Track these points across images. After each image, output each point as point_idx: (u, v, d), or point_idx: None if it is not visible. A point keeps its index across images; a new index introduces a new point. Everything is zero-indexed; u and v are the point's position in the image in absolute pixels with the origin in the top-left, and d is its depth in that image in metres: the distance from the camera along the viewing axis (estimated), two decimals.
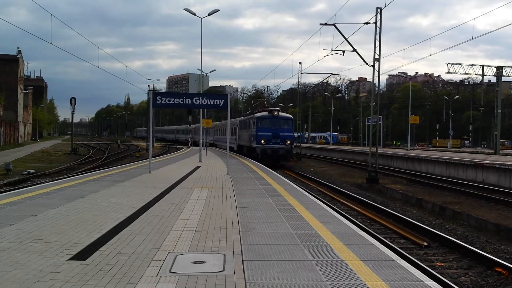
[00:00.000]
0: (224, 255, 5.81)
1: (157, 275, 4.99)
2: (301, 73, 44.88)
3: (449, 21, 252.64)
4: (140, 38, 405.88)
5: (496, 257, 9.13)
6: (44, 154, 41.01)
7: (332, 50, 27.18)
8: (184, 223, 7.84)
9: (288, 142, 31.25)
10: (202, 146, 29.68)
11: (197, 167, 20.99)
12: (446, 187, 20.75)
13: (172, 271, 5.14)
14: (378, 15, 23.37)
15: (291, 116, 34.84)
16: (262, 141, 30.56)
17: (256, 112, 35.06)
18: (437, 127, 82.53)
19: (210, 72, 61.22)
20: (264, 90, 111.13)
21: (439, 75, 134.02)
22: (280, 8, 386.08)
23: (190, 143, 50.25)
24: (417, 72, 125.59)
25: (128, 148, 59.00)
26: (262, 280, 4.85)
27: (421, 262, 8.73)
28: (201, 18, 28.30)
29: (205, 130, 37.98)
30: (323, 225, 7.92)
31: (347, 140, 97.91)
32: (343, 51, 26.80)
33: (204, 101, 17.44)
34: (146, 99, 68.93)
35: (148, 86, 62.51)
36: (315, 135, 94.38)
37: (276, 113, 32.06)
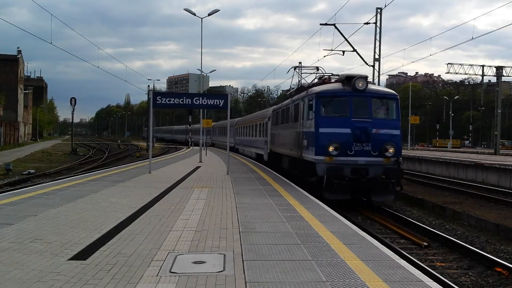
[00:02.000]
0: (224, 255, 5.81)
1: (157, 275, 4.99)
2: (301, 73, 44.81)
3: (449, 21, 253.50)
4: (140, 38, 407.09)
5: (496, 257, 9.12)
6: (44, 154, 41.00)
7: (332, 50, 27.18)
8: (184, 223, 7.83)
9: (391, 150, 13.83)
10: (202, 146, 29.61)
11: (197, 167, 20.99)
12: (446, 187, 20.74)
13: (172, 271, 5.15)
14: (378, 15, 23.39)
15: (394, 92, 15.73)
16: (330, 148, 13.73)
17: (314, 85, 16.89)
18: (437, 127, 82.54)
19: (210, 72, 61.33)
20: (264, 90, 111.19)
21: (439, 75, 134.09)
22: (281, 8, 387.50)
23: (190, 143, 50.20)
24: (417, 72, 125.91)
25: (128, 148, 59.02)
26: (262, 280, 4.85)
27: (421, 262, 8.72)
28: (201, 18, 28.35)
29: (204, 129, 35.04)
30: (323, 225, 7.92)
31: None
32: (343, 51, 26.79)
33: (204, 101, 17.44)
34: (146, 99, 68.99)
35: (148, 86, 62.66)
36: None
37: (360, 84, 14.20)
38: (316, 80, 17.93)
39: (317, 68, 22.45)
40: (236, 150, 40.52)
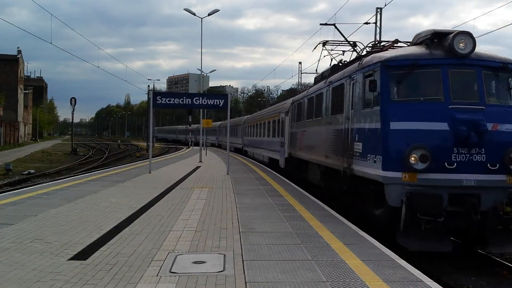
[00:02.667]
0: (224, 255, 5.81)
1: (157, 275, 4.99)
2: (301, 73, 44.97)
3: (450, 21, 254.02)
4: (141, 38, 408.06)
5: (496, 257, 9.11)
6: (44, 154, 41.00)
7: (332, 50, 27.14)
8: (184, 223, 7.84)
9: None
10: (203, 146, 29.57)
11: (197, 167, 20.99)
12: None
13: (172, 271, 5.15)
14: (378, 15, 23.39)
15: None
16: (412, 159, 7.60)
17: (373, 51, 10.38)
18: None
19: (210, 72, 61.22)
20: (264, 90, 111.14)
21: None
22: (281, 8, 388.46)
23: (190, 143, 50.21)
24: None
25: (128, 148, 59.02)
26: (262, 280, 4.85)
27: (421, 262, 8.70)
28: (201, 18, 28.37)
29: (206, 129, 34.77)
30: (323, 225, 7.92)
31: None
32: (343, 51, 26.75)
33: (204, 101, 17.45)
34: (146, 99, 69.03)
35: (148, 86, 62.68)
36: None
37: (462, 44, 8.01)
38: (364, 52, 11.67)
39: (354, 45, 14.82)
40: (244, 152, 35.63)
